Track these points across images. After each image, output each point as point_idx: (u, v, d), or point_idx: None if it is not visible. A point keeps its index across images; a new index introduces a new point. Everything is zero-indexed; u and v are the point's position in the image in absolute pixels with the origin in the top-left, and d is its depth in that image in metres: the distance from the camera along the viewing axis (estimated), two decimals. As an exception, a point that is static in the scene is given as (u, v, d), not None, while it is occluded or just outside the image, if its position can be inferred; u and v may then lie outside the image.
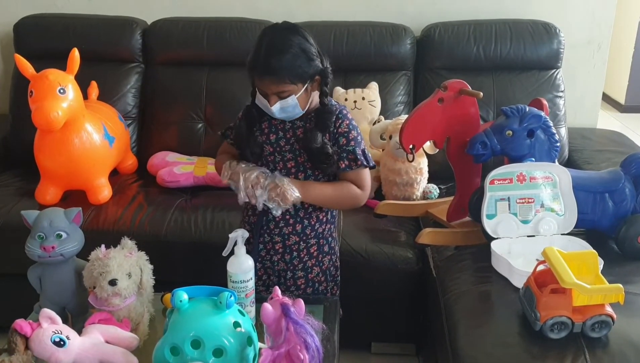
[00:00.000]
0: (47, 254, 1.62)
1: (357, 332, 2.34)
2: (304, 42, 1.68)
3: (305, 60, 1.68)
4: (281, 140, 1.82)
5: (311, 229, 1.89)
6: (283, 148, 1.82)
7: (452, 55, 2.96)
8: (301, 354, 1.32)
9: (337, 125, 1.80)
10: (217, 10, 3.13)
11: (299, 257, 1.90)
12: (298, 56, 1.66)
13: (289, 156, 1.82)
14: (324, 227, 1.92)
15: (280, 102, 1.70)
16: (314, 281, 1.94)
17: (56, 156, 2.49)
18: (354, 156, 1.79)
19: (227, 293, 1.40)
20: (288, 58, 1.65)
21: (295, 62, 1.66)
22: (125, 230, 2.36)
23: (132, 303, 1.62)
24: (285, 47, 1.65)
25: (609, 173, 2.15)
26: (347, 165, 1.80)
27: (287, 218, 1.86)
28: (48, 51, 2.97)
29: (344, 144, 1.79)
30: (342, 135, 1.79)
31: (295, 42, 1.67)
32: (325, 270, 1.95)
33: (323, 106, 1.78)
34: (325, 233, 1.93)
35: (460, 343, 1.73)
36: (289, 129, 1.82)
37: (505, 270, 1.93)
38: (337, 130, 1.79)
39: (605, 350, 1.62)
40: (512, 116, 2.07)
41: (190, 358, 1.33)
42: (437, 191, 2.68)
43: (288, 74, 1.66)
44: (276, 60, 1.64)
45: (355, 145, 1.80)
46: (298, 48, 1.66)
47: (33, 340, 1.38)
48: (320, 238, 1.91)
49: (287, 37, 1.67)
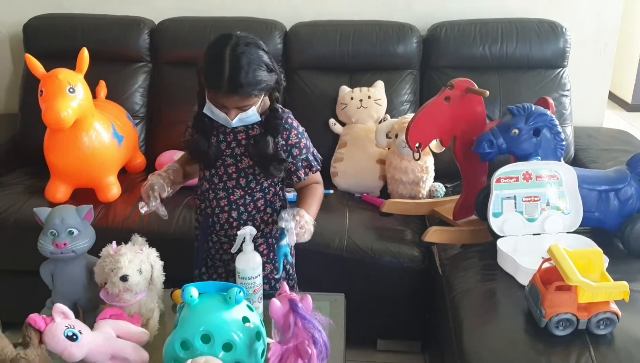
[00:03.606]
0: (59, 250, 1.64)
1: (363, 329, 2.36)
2: (263, 55, 1.66)
3: (267, 72, 1.66)
4: (222, 143, 1.81)
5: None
6: (224, 152, 1.82)
7: (459, 54, 2.97)
8: (309, 349, 1.34)
9: (285, 136, 1.80)
10: (224, 10, 3.14)
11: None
12: (261, 68, 1.64)
13: (230, 161, 1.82)
14: (270, 227, 1.92)
15: (240, 115, 1.69)
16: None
17: (66, 154, 2.51)
18: (307, 163, 1.85)
19: (236, 289, 1.43)
20: (254, 74, 1.62)
21: (260, 78, 1.64)
22: (134, 227, 2.38)
23: (142, 299, 1.63)
24: (249, 63, 1.62)
25: (614, 171, 2.17)
26: (305, 173, 1.86)
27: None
28: (57, 50, 2.99)
29: (297, 154, 1.82)
30: (294, 146, 1.81)
31: (257, 56, 1.64)
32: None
33: (274, 112, 1.77)
34: (274, 232, 1.92)
35: (466, 340, 1.74)
36: (230, 133, 1.81)
37: (511, 268, 1.94)
38: (287, 142, 1.81)
39: (610, 347, 1.63)
40: (518, 114, 2.08)
41: (200, 353, 1.35)
42: (444, 190, 2.69)
43: (254, 89, 1.65)
44: (243, 77, 1.61)
45: (307, 152, 1.85)
46: (260, 62, 1.64)
47: (47, 335, 1.39)
48: (268, 237, 1.92)
49: (249, 52, 1.63)
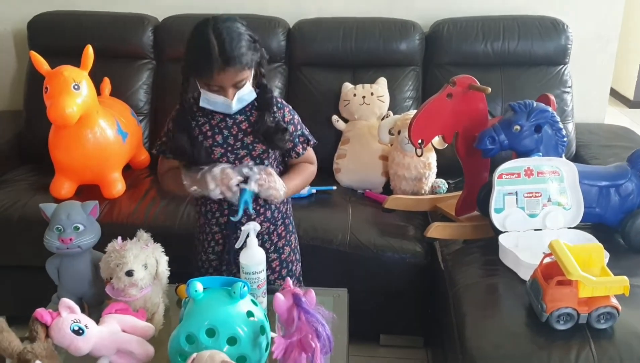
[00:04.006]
0: (65, 246, 1.66)
1: (366, 324, 2.38)
2: (245, 28, 1.69)
3: (252, 44, 1.69)
4: (229, 138, 1.80)
5: (277, 211, 1.93)
6: (234, 146, 1.80)
7: (461, 51, 2.98)
8: (312, 342, 1.35)
9: (280, 115, 1.84)
10: (227, 7, 3.15)
11: (270, 240, 1.94)
12: (247, 40, 1.67)
13: (243, 153, 1.80)
14: (287, 207, 1.98)
15: (238, 93, 1.71)
16: (287, 261, 1.99)
17: (71, 151, 2.53)
18: (304, 138, 1.90)
19: (240, 284, 1.44)
20: (243, 45, 1.65)
21: (247, 48, 1.66)
22: (139, 223, 2.39)
23: (148, 294, 1.64)
24: (235, 35, 1.64)
25: (615, 167, 2.18)
26: (303, 148, 1.90)
27: (257, 208, 1.87)
28: (61, 47, 3.00)
29: (294, 131, 1.86)
30: (290, 123, 1.85)
31: (240, 29, 1.67)
32: (293, 248, 2.01)
33: (263, 88, 1.79)
34: (288, 212, 1.99)
35: (467, 334, 1.76)
36: (232, 126, 1.81)
37: (513, 263, 1.96)
38: (283, 119, 1.84)
39: (611, 340, 1.64)
40: (519, 111, 2.09)
41: (205, 347, 1.36)
42: (446, 186, 2.70)
43: (246, 59, 1.66)
44: (234, 49, 1.63)
45: (301, 128, 1.90)
46: (244, 33, 1.67)
47: (53, 329, 1.40)
48: (285, 218, 1.97)
49: (232, 26, 1.66)
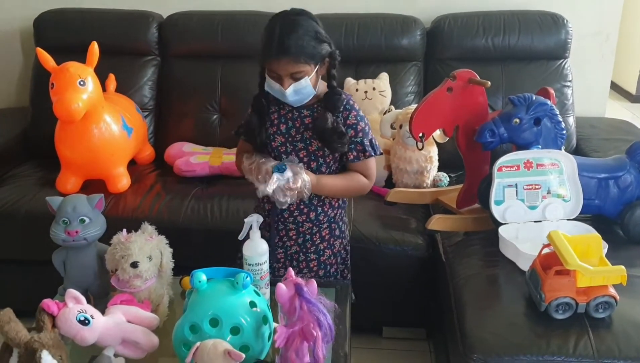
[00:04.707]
0: (71, 238, 1.68)
1: (368, 316, 2.39)
2: (314, 25, 1.75)
3: (317, 41, 1.74)
4: (292, 129, 1.87)
5: (324, 215, 1.94)
6: (294, 138, 1.86)
7: (462, 46, 2.99)
8: (314, 331, 1.37)
9: (344, 116, 1.84)
10: (232, 3, 3.18)
11: (312, 240, 1.96)
12: (311, 36, 1.73)
13: (301, 146, 1.86)
14: (336, 212, 1.97)
15: (294, 85, 1.75)
16: (326, 263, 2.00)
17: (76, 146, 2.55)
18: (362, 148, 1.85)
19: (243, 274, 1.46)
20: (302, 38, 1.71)
21: (309, 42, 1.72)
22: (144, 217, 2.37)
23: (152, 285, 1.67)
24: (298, 28, 1.71)
25: (614, 159, 2.20)
26: (356, 156, 1.86)
27: (301, 207, 1.91)
28: (67, 44, 3.02)
29: (352, 136, 1.84)
30: (351, 127, 1.84)
31: (306, 23, 1.73)
32: (336, 252, 2.01)
33: (332, 89, 1.83)
34: (337, 217, 1.98)
35: (468, 324, 1.78)
36: (297, 118, 1.86)
37: (512, 254, 1.98)
38: (346, 122, 1.84)
39: (609, 330, 1.67)
40: (519, 104, 2.11)
41: (209, 336, 1.38)
42: (447, 179, 2.72)
43: (303, 53, 1.72)
44: (292, 40, 1.70)
45: (363, 136, 1.85)
46: (310, 28, 1.73)
47: (59, 319, 1.42)
48: (332, 223, 1.97)
49: (298, 19, 1.74)
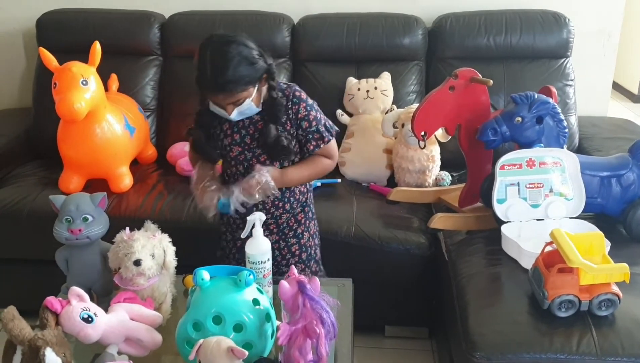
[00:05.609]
0: (74, 236, 1.69)
1: (371, 315, 2.40)
2: (243, 50, 1.72)
3: (249, 66, 1.72)
4: (246, 138, 1.89)
5: (297, 202, 2.01)
6: (250, 145, 1.89)
7: (464, 45, 2.99)
8: (317, 328, 1.37)
9: (294, 111, 1.87)
10: (233, 4, 3.18)
11: (289, 226, 2.02)
12: (244, 64, 1.70)
13: (259, 152, 1.89)
14: (306, 196, 2.05)
15: (237, 109, 1.77)
16: (306, 246, 2.06)
17: (79, 145, 2.55)
18: (319, 135, 1.90)
19: (246, 272, 1.47)
20: (235, 70, 1.69)
21: (242, 72, 1.70)
22: (146, 216, 2.37)
23: (155, 283, 1.68)
24: (229, 62, 1.68)
25: (616, 158, 2.19)
26: (315, 145, 1.90)
27: (276, 202, 1.96)
28: (69, 45, 3.02)
29: (307, 127, 1.88)
30: (303, 119, 1.87)
31: (234, 53, 1.70)
32: (312, 234, 2.08)
33: (272, 100, 1.84)
34: (308, 200, 2.06)
35: (471, 322, 1.78)
36: (249, 126, 1.89)
37: (515, 252, 1.98)
38: (297, 115, 1.87)
39: (612, 327, 1.67)
40: (521, 103, 2.11)
41: (212, 334, 1.39)
42: (450, 178, 2.72)
43: (238, 85, 1.71)
44: (223, 77, 1.68)
45: (317, 124, 1.89)
46: (239, 58, 1.70)
47: (63, 317, 1.43)
48: (304, 206, 2.04)
49: (225, 50, 1.70)
